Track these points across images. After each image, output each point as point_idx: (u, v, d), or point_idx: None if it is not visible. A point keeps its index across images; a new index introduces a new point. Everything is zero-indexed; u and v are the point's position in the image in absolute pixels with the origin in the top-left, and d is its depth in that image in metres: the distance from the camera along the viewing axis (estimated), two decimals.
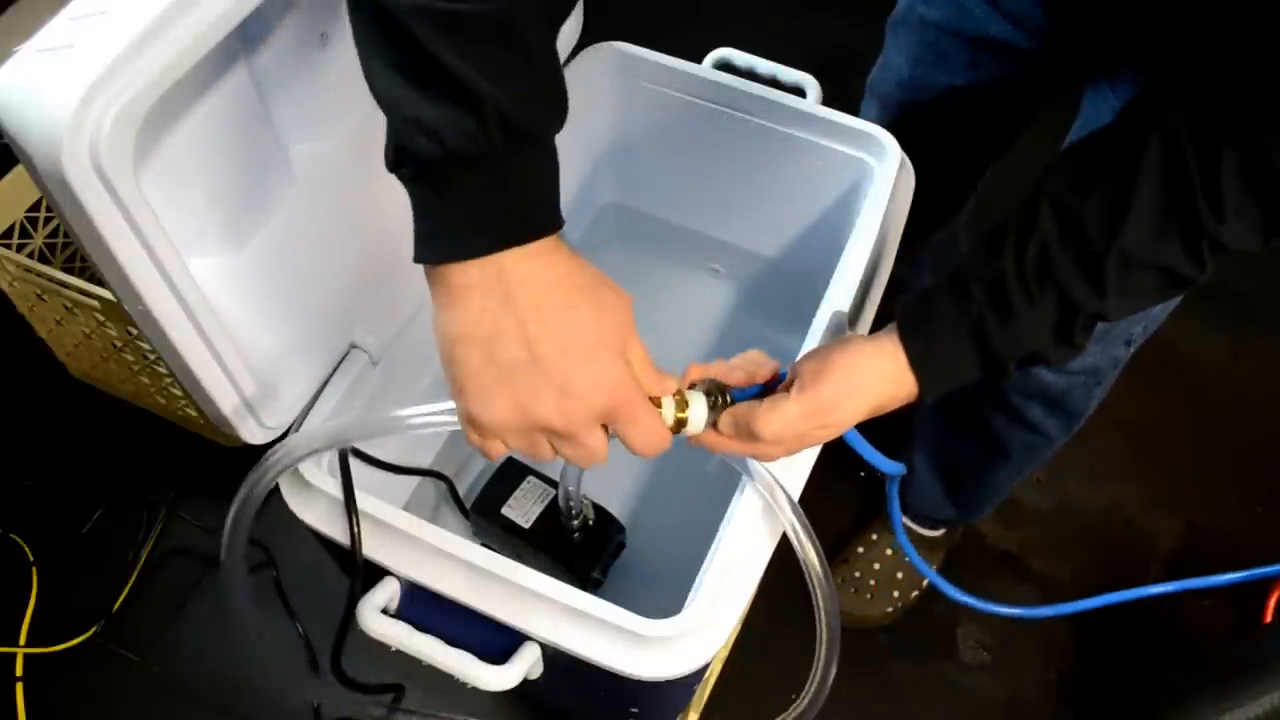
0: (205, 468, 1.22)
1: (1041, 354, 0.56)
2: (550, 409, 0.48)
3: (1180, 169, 0.50)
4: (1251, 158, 0.48)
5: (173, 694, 1.11)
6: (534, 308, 0.48)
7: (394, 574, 0.67)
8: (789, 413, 0.57)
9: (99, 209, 0.50)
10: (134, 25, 0.49)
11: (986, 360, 0.56)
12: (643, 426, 0.51)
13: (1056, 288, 0.53)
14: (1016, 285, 0.54)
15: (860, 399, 0.57)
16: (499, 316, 0.48)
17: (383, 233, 0.76)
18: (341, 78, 0.70)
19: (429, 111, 0.44)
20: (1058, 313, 0.54)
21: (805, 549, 0.62)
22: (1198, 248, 0.51)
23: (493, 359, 0.48)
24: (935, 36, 0.84)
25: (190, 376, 0.61)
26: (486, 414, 0.49)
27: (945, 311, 0.56)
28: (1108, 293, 0.53)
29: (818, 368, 0.58)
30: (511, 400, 0.48)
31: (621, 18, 1.02)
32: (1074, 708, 1.19)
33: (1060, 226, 0.53)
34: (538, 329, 0.48)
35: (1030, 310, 0.54)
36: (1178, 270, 0.52)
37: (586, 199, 1.06)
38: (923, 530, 1.22)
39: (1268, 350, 1.46)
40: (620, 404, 0.50)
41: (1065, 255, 0.53)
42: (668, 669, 0.62)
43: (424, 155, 0.45)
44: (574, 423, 0.49)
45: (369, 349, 0.75)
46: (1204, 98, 0.50)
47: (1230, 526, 1.30)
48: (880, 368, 0.57)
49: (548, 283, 0.48)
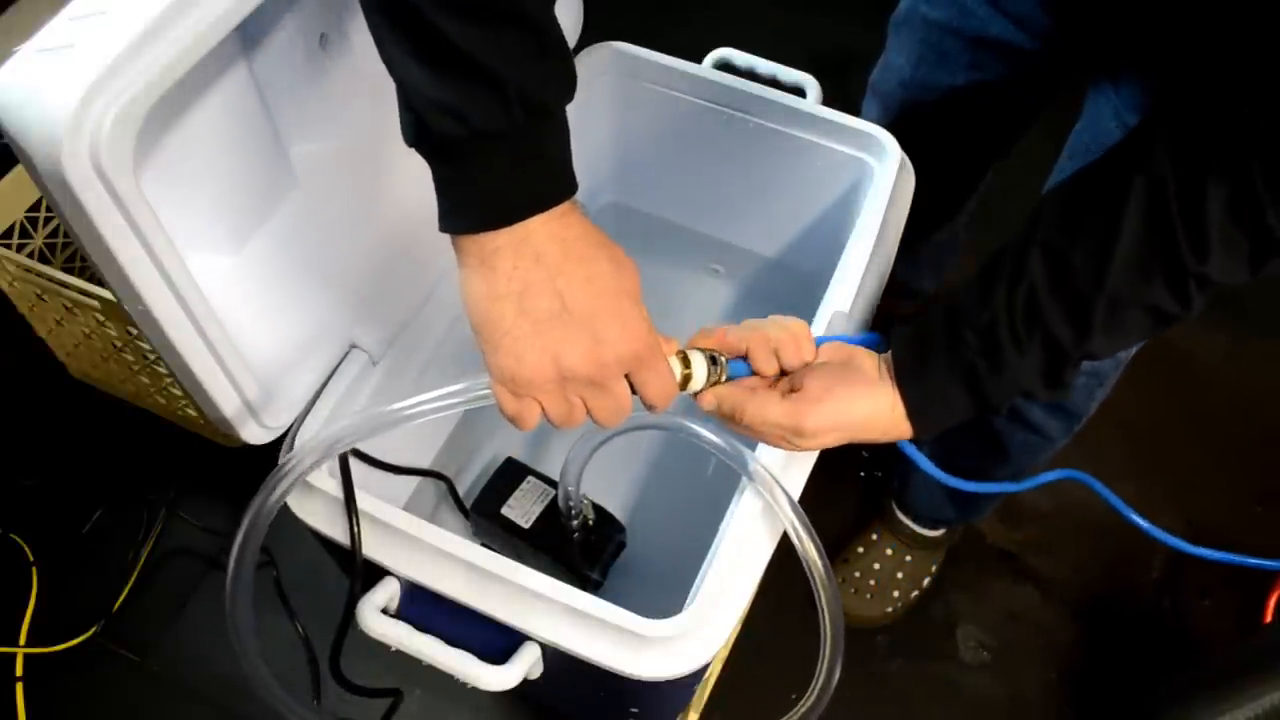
0: (205, 468, 1.22)
1: (1032, 394, 0.58)
2: (583, 354, 0.51)
3: (1162, 210, 0.50)
4: (1239, 190, 0.48)
5: (173, 694, 1.11)
6: (560, 262, 0.51)
7: (394, 574, 0.67)
8: (774, 410, 0.59)
9: (99, 209, 0.50)
10: (134, 25, 0.49)
11: (981, 404, 0.58)
12: (661, 375, 0.55)
13: (1045, 335, 0.55)
14: (1007, 334, 0.55)
15: (844, 434, 0.60)
16: (529, 273, 0.50)
17: (383, 232, 0.76)
18: (341, 78, 0.70)
19: (452, 94, 0.47)
20: (1046, 360, 0.56)
21: (806, 548, 0.62)
22: (1183, 286, 0.52)
23: (526, 312, 0.51)
24: (937, 37, 0.84)
25: (190, 377, 0.61)
26: (518, 367, 0.52)
27: (941, 357, 0.58)
28: (1094, 336, 0.54)
29: (821, 391, 0.59)
30: (545, 350, 0.51)
31: (621, 18, 1.02)
32: (1074, 708, 1.19)
33: (1049, 271, 0.54)
34: (566, 281, 0.51)
35: (1020, 359, 0.56)
36: (1164, 309, 0.53)
37: (586, 199, 1.05)
38: (923, 530, 1.22)
39: (1267, 350, 1.46)
40: (645, 350, 0.53)
41: (1053, 302, 0.54)
42: (668, 669, 0.62)
43: (449, 134, 0.48)
44: (605, 368, 0.52)
45: (369, 349, 0.75)
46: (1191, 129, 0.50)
47: (1230, 526, 1.30)
48: (878, 413, 0.60)
49: (569, 240, 0.51)
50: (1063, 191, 0.56)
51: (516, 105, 0.47)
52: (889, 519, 1.24)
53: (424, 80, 0.47)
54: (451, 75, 0.47)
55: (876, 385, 0.60)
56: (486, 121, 0.47)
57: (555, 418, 0.54)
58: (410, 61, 0.47)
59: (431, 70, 0.47)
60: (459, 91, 0.47)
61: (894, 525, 1.23)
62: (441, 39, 0.46)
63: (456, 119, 0.47)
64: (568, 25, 0.88)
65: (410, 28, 0.46)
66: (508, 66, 0.46)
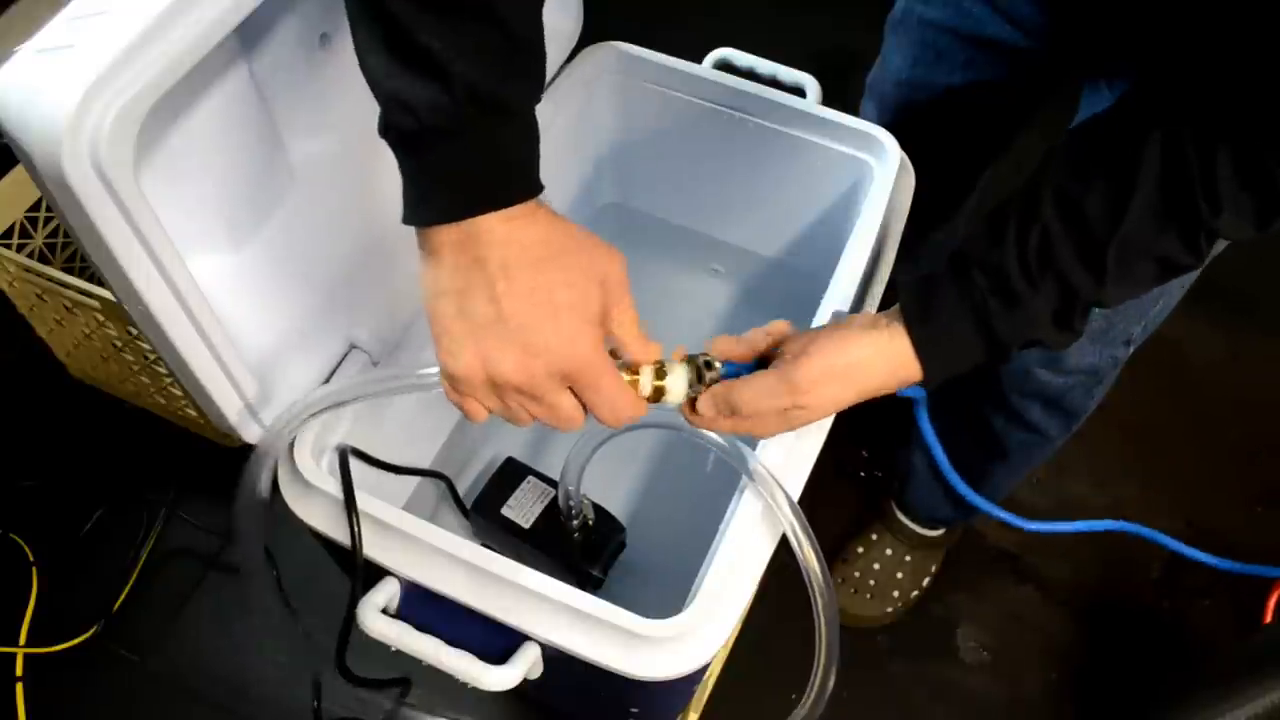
0: (205, 468, 1.22)
1: (1042, 340, 0.56)
2: (511, 365, 0.51)
3: (1180, 163, 0.50)
4: (1244, 155, 0.49)
5: (173, 694, 1.11)
6: (503, 267, 0.50)
7: (394, 574, 0.67)
8: (765, 384, 0.57)
9: (99, 209, 0.50)
10: (134, 25, 0.49)
11: (990, 344, 0.56)
12: (605, 394, 0.53)
13: (1057, 275, 0.54)
14: (1019, 272, 0.54)
15: (845, 384, 0.58)
16: (470, 274, 0.50)
17: (383, 232, 0.76)
18: (341, 78, 0.70)
19: (405, 86, 0.47)
20: (1058, 300, 0.55)
21: (804, 550, 0.62)
22: (1195, 239, 0.52)
23: (463, 313, 0.51)
24: (934, 36, 0.84)
25: (190, 377, 0.61)
26: (453, 364, 0.52)
27: (949, 296, 0.57)
28: (1107, 281, 0.54)
29: (804, 345, 0.58)
30: (476, 353, 0.51)
31: (621, 18, 1.02)
32: (1074, 707, 1.19)
33: (1062, 215, 0.53)
34: (505, 287, 0.50)
35: (1033, 296, 0.54)
36: (1176, 260, 0.53)
37: (586, 199, 1.06)
38: (922, 530, 1.22)
39: (1267, 350, 1.46)
40: (580, 367, 0.52)
41: (1067, 244, 0.53)
42: (668, 669, 0.62)
43: (402, 128, 0.48)
44: (535, 381, 0.51)
45: (369, 349, 0.75)
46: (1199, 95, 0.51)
47: (1230, 526, 1.30)
48: (878, 353, 0.57)
49: (521, 245, 0.50)
50: (1077, 138, 0.56)
51: (466, 102, 0.47)
52: (889, 519, 1.24)
53: (382, 69, 0.47)
54: (406, 66, 0.47)
55: (871, 330, 0.58)
56: (432, 116, 0.47)
57: (501, 415, 0.54)
58: (371, 49, 0.47)
59: (389, 60, 0.47)
60: (410, 83, 0.47)
61: (894, 525, 1.23)
62: (399, 28, 0.46)
63: (407, 112, 0.47)
64: (568, 25, 0.88)
65: (376, 15, 0.46)
66: (461, 61, 0.46)
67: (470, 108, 0.47)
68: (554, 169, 0.52)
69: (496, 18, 0.47)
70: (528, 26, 0.49)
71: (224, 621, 1.16)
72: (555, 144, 0.53)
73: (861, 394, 0.59)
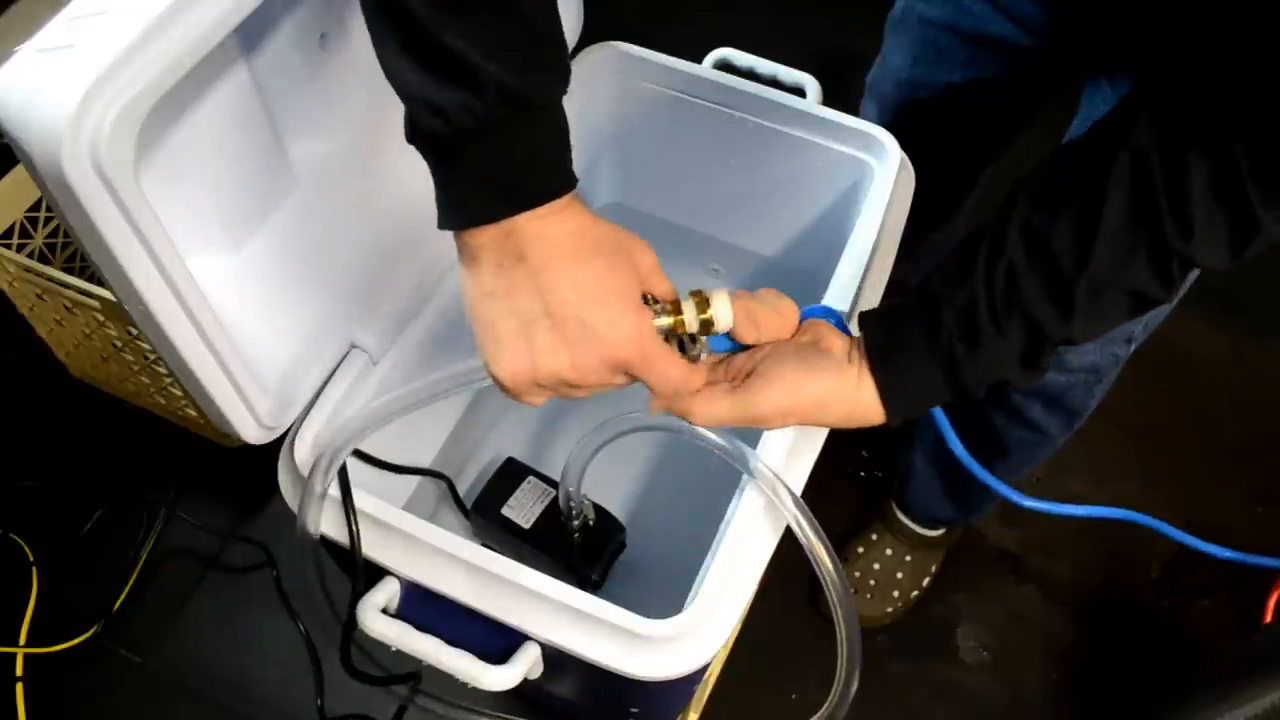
0: (205, 468, 1.22)
1: (1009, 380, 0.56)
2: (566, 362, 0.50)
3: (1146, 188, 0.49)
4: (1221, 167, 0.47)
5: (173, 694, 1.11)
6: (546, 263, 0.50)
7: (394, 574, 0.67)
8: (721, 410, 0.57)
9: (99, 209, 0.50)
10: (134, 25, 0.49)
11: (956, 389, 0.56)
12: (659, 371, 0.53)
13: (1024, 315, 0.53)
14: (986, 314, 0.54)
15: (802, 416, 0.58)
16: (514, 273, 0.50)
17: (383, 232, 0.76)
18: (341, 78, 0.70)
19: (434, 90, 0.46)
20: (1025, 341, 0.54)
21: (813, 544, 0.62)
22: (1167, 267, 0.51)
23: (511, 312, 0.50)
24: (934, 34, 0.84)
25: (190, 377, 0.61)
26: (503, 367, 0.51)
27: (916, 340, 0.56)
28: (1075, 318, 0.53)
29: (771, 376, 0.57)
30: (527, 353, 0.50)
31: (621, 18, 1.02)
32: (1074, 707, 1.19)
33: (1029, 252, 0.53)
34: (550, 282, 0.50)
35: (998, 340, 0.54)
36: (1146, 292, 0.52)
37: (586, 199, 1.05)
38: (923, 530, 1.22)
39: (1267, 350, 1.46)
40: (633, 354, 0.51)
41: (1033, 282, 0.53)
42: (668, 669, 0.62)
43: (434, 133, 0.47)
44: (587, 374, 0.51)
45: (369, 349, 0.75)
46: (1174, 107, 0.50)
47: (1230, 526, 1.30)
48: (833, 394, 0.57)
49: (559, 239, 0.50)
50: (1042, 170, 0.55)
51: (495, 101, 0.46)
52: (889, 519, 1.24)
53: (409, 75, 0.47)
54: (433, 70, 0.46)
55: (837, 368, 0.57)
56: (463, 119, 0.46)
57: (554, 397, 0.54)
58: (394, 54, 0.47)
59: (415, 64, 0.46)
60: (439, 87, 0.46)
61: (894, 525, 1.23)
62: (422, 30, 0.45)
63: (438, 116, 0.47)
64: (568, 25, 0.87)
65: (398, 20, 0.46)
66: (488, 60, 0.45)
67: (501, 108, 0.46)
68: None
69: (521, 14, 0.46)
70: (548, 20, 0.49)
71: (224, 621, 1.16)
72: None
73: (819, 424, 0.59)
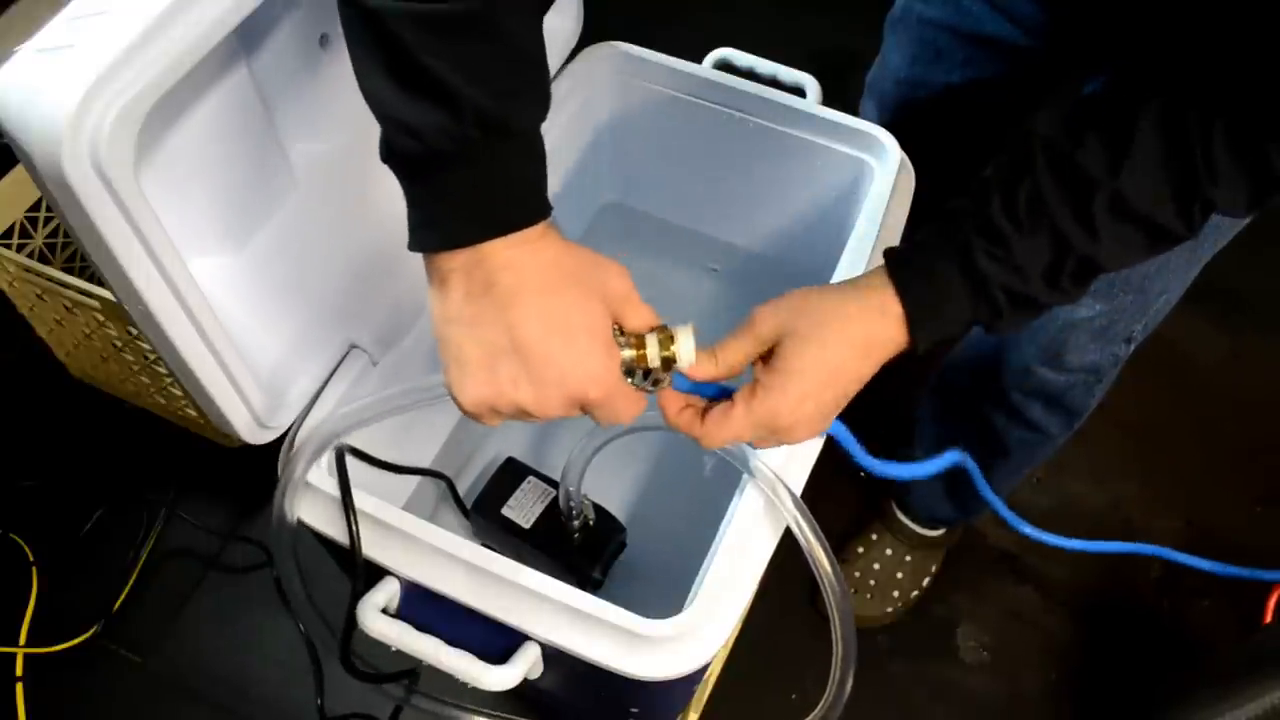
0: (205, 468, 1.22)
1: (1034, 298, 0.54)
2: (528, 396, 0.50)
3: (1180, 126, 0.49)
4: (1239, 134, 0.48)
5: (173, 694, 1.11)
6: (515, 293, 0.49)
7: (394, 574, 0.67)
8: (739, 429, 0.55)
9: (99, 209, 0.50)
10: (134, 25, 0.49)
11: (977, 293, 0.54)
12: (614, 413, 0.53)
13: (1050, 226, 0.52)
14: (1009, 222, 0.52)
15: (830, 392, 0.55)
16: (482, 302, 0.49)
17: (383, 233, 0.76)
18: (341, 78, 0.70)
19: (409, 110, 0.46)
20: (1050, 252, 0.52)
21: (812, 545, 0.62)
22: (1190, 205, 0.51)
23: (477, 341, 0.50)
24: (933, 34, 0.84)
25: (190, 376, 0.61)
26: (465, 395, 0.51)
27: (941, 258, 0.54)
28: (1100, 236, 0.52)
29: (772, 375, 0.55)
30: (490, 382, 0.50)
31: (621, 18, 1.02)
32: (1074, 707, 1.19)
33: (1054, 169, 0.52)
34: (519, 315, 0.49)
35: (1021, 239, 0.52)
36: (1168, 226, 0.52)
37: (586, 199, 1.06)
38: (922, 530, 1.22)
39: (1268, 350, 1.46)
40: (597, 394, 0.51)
41: (1058, 193, 0.51)
42: (668, 669, 0.62)
43: (408, 153, 0.47)
44: (548, 408, 0.50)
45: (369, 349, 0.75)
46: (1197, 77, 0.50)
47: (1230, 526, 1.30)
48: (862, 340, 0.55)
49: (530, 269, 0.49)
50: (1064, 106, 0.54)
51: (472, 125, 0.45)
52: (889, 519, 1.24)
53: (386, 93, 0.46)
54: (410, 90, 0.45)
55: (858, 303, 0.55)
56: (439, 140, 0.46)
57: None
58: (372, 73, 0.46)
59: (393, 83, 0.45)
60: (416, 107, 0.45)
61: (894, 525, 1.23)
62: (402, 50, 0.44)
63: (412, 136, 0.46)
64: (568, 25, 0.88)
65: (379, 39, 0.45)
66: (468, 84, 0.45)
67: (477, 131, 0.46)
68: (554, 168, 0.52)
69: (502, 36, 0.46)
70: (532, 43, 0.48)
71: (224, 621, 1.16)
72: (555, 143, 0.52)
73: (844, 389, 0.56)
